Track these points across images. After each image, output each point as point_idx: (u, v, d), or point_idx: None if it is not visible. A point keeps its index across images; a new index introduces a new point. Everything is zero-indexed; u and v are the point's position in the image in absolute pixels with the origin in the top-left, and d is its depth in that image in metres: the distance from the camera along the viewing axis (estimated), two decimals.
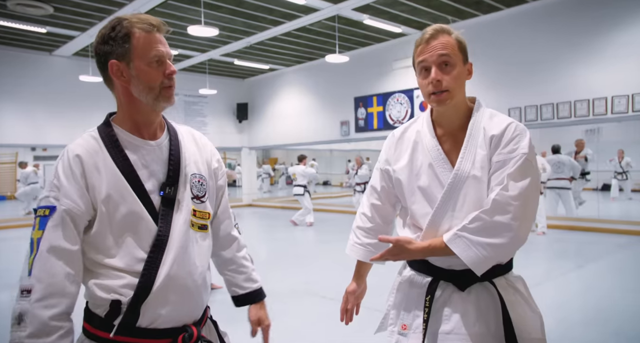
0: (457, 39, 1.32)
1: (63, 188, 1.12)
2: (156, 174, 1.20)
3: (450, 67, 1.30)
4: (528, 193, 1.23)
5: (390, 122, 10.05)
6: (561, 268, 5.32)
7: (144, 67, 1.16)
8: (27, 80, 10.01)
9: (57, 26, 8.50)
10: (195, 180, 1.26)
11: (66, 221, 1.11)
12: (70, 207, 1.11)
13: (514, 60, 7.95)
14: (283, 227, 9.42)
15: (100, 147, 1.17)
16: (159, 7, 7.50)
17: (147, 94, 1.17)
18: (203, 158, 1.32)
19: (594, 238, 7.11)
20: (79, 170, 1.13)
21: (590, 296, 4.22)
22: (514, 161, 1.24)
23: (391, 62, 9.94)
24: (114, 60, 1.15)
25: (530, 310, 1.32)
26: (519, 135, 1.27)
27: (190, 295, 1.21)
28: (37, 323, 1.05)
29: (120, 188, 1.15)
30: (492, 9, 8.03)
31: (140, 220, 1.16)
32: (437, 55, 1.29)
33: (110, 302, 1.13)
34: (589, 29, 7.17)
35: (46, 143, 10.71)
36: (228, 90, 13.46)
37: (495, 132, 1.29)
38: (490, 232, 1.22)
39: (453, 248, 1.24)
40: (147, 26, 1.16)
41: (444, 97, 1.30)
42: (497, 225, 1.21)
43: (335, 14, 8.05)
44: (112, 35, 1.15)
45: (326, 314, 3.82)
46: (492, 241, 1.21)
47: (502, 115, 1.35)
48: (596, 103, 7.13)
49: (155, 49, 1.16)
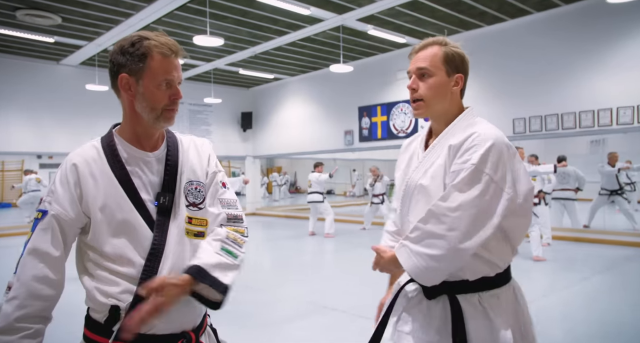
0: (446, 51, 1.36)
1: (56, 195, 1.18)
2: (152, 184, 1.23)
3: (428, 77, 1.35)
4: (475, 204, 1.18)
5: (394, 132, 10.06)
6: (566, 280, 5.27)
7: (152, 88, 1.20)
8: (34, 89, 10.10)
9: (64, 36, 8.60)
10: (191, 187, 1.28)
11: (53, 226, 1.16)
12: (58, 213, 1.16)
13: (519, 70, 7.97)
14: (287, 236, 9.40)
15: (100, 156, 1.21)
16: (165, 17, 7.58)
17: (149, 112, 1.22)
18: (202, 164, 1.34)
19: (600, 250, 7.04)
20: (74, 179, 1.18)
21: (594, 309, 4.17)
22: (463, 172, 1.22)
23: (395, 72, 9.98)
24: (125, 74, 1.19)
25: (492, 337, 1.25)
26: (475, 145, 1.23)
27: (188, 302, 1.21)
28: (3, 321, 1.10)
29: (117, 196, 1.18)
30: (496, 19, 8.07)
31: (136, 228, 1.18)
32: (416, 67, 1.37)
33: (109, 308, 1.15)
34: (594, 40, 7.18)
35: (52, 151, 10.77)
36: (233, 99, 13.53)
37: (453, 142, 1.29)
38: (426, 242, 1.21)
39: (398, 257, 1.27)
40: (166, 51, 1.19)
41: (418, 105, 1.38)
42: (432, 235, 1.20)
43: (340, 24, 8.11)
44: (130, 51, 1.18)
45: (331, 325, 3.80)
46: (428, 252, 1.20)
47: (482, 125, 1.32)
48: (601, 114, 7.11)
49: (169, 73, 1.21)
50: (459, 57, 1.37)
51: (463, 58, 1.38)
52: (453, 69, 1.36)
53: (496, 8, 7.49)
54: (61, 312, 4.45)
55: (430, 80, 1.35)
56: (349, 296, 4.62)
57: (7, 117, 9.77)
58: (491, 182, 1.20)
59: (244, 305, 4.18)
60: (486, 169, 1.21)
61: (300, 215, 13.34)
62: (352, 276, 5.55)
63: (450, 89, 1.37)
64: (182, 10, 7.30)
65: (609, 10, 6.89)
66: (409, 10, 7.52)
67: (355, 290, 4.85)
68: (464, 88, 1.41)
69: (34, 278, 1.13)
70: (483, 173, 1.20)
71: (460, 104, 1.42)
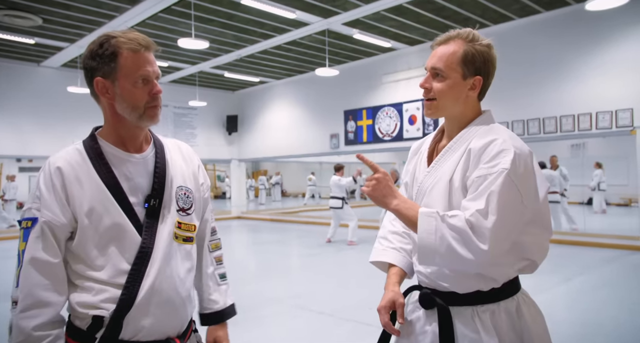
0: (466, 50, 1.24)
1: (44, 200, 1.13)
2: (141, 187, 1.20)
3: (441, 78, 1.25)
4: (502, 216, 1.10)
5: (380, 136, 10.11)
6: (549, 281, 5.35)
7: (129, 87, 1.16)
8: (14, 91, 9.90)
9: (45, 37, 8.46)
10: (181, 192, 1.26)
11: (46, 233, 1.12)
12: (50, 218, 1.12)
13: (501, 75, 7.95)
14: (272, 240, 9.36)
15: (84, 159, 1.17)
16: (150, 20, 7.52)
17: (130, 112, 1.18)
18: (190, 171, 1.33)
19: (580, 252, 7.17)
20: (60, 183, 1.14)
21: (576, 309, 4.24)
22: (493, 177, 1.12)
23: (381, 76, 10.05)
24: (99, 78, 1.16)
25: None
26: (504, 150, 1.14)
27: (174, 308, 1.20)
28: (21, 334, 1.08)
29: (104, 200, 1.15)
30: (480, 25, 8.17)
31: (124, 232, 1.15)
32: (430, 65, 1.28)
33: (92, 317, 1.13)
34: (574, 46, 7.34)
35: (32, 154, 10.56)
36: (218, 102, 13.46)
37: (474, 146, 1.19)
38: (460, 241, 1.11)
39: (420, 221, 1.14)
40: (135, 46, 1.15)
41: (430, 104, 1.28)
42: (466, 242, 1.10)
43: (326, 28, 8.14)
44: (100, 53, 1.14)
45: (317, 329, 3.79)
46: (455, 246, 1.10)
47: (501, 131, 1.23)
48: (581, 118, 7.27)
49: (142, 68, 1.16)
50: (481, 58, 1.24)
51: (486, 58, 1.25)
52: (471, 71, 1.24)
53: (480, 14, 7.61)
54: None
55: (444, 81, 1.25)
56: (334, 299, 4.62)
57: None
58: (518, 193, 1.13)
59: None
60: (513, 176, 1.12)
61: (287, 219, 13.31)
62: (336, 279, 5.55)
63: (466, 92, 1.26)
64: (166, 12, 7.25)
65: (587, 17, 7.06)
66: (394, 15, 7.59)
67: (340, 293, 4.85)
68: (485, 91, 1.30)
69: (39, 288, 1.10)
70: (512, 180, 1.12)
71: (477, 107, 1.31)
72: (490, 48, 1.27)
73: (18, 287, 1.10)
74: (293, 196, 24.42)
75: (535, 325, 1.23)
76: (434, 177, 1.27)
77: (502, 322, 1.20)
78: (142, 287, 1.14)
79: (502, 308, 1.21)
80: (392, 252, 1.42)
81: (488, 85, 1.30)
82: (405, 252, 1.41)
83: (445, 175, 1.24)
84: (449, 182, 1.22)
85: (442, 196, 1.23)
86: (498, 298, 1.22)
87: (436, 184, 1.25)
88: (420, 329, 1.30)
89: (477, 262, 1.09)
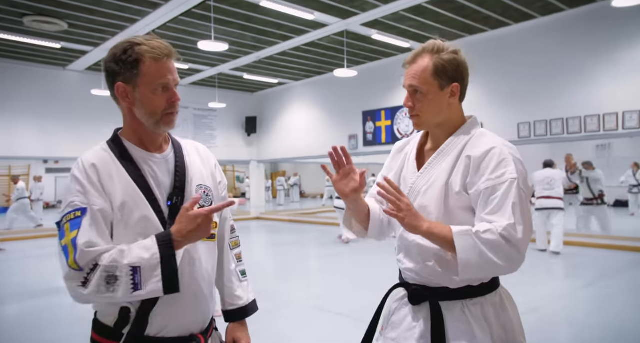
0: (435, 63, 1.29)
1: (89, 193, 1.14)
2: (164, 185, 1.24)
3: (421, 94, 1.31)
4: (526, 222, 1.20)
5: (399, 136, 10.05)
6: (570, 286, 5.23)
7: (149, 94, 1.19)
8: (41, 95, 10.19)
9: (71, 42, 8.68)
10: (201, 190, 1.29)
11: (99, 220, 1.13)
12: (101, 207, 1.14)
13: (523, 75, 7.95)
14: (290, 241, 9.39)
15: (112, 158, 1.20)
16: (171, 23, 7.64)
17: (148, 118, 1.21)
18: (208, 170, 1.36)
19: (606, 255, 6.99)
20: (96, 177, 1.16)
21: (599, 315, 4.13)
22: (505, 187, 1.20)
23: (399, 76, 9.92)
24: (120, 83, 1.19)
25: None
26: (505, 159, 1.23)
27: (197, 304, 1.23)
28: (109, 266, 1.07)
29: (134, 195, 1.18)
30: (500, 24, 8.07)
31: (152, 226, 1.18)
32: (407, 84, 1.34)
33: (119, 310, 1.15)
34: (599, 44, 7.16)
35: (58, 156, 10.84)
36: (237, 104, 13.59)
37: (472, 154, 1.26)
38: (498, 252, 1.18)
39: (456, 241, 1.19)
40: (157, 55, 1.18)
41: (415, 121, 1.36)
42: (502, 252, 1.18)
43: (344, 29, 8.13)
44: (123, 58, 1.17)
45: (336, 330, 3.78)
46: (492, 257, 1.17)
47: (491, 137, 1.31)
48: (607, 118, 7.08)
49: (164, 77, 1.19)
50: (452, 66, 1.30)
51: (457, 65, 1.31)
52: (446, 81, 1.30)
53: (500, 12, 7.49)
54: (70, 316, 4.41)
55: (423, 98, 1.31)
56: (354, 300, 4.61)
57: (14, 122, 9.86)
58: (527, 197, 1.23)
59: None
60: (521, 182, 1.22)
61: (305, 219, 13.34)
62: (354, 280, 5.53)
63: (447, 101, 1.32)
64: (187, 15, 7.35)
65: (614, 14, 6.88)
66: (413, 15, 7.54)
67: (358, 294, 4.84)
68: (464, 93, 1.36)
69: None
70: (520, 188, 1.21)
71: (460, 111, 1.38)
72: (457, 53, 1.33)
73: (81, 270, 1.07)
74: (312, 197, 24.46)
75: (514, 316, 1.33)
76: (426, 179, 1.34)
77: (490, 313, 1.28)
78: None
79: (489, 302, 1.30)
80: (370, 200, 1.50)
81: (466, 87, 1.36)
82: (379, 210, 1.46)
83: (441, 178, 1.31)
84: (445, 185, 1.29)
85: (437, 197, 1.30)
86: (486, 292, 1.31)
87: (431, 186, 1.32)
88: (409, 325, 1.35)
89: (515, 268, 1.19)
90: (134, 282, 1.07)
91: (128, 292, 1.06)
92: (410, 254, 1.37)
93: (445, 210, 1.29)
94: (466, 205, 1.27)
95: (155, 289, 1.08)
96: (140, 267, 1.07)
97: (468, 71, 1.35)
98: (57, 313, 4.33)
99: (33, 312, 4.41)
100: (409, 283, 1.38)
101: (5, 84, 9.75)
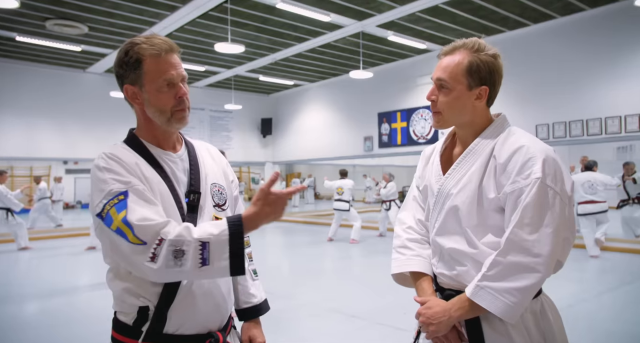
0: (471, 60, 1.24)
1: (125, 176, 1.13)
2: (182, 182, 1.25)
3: (446, 90, 1.26)
4: (549, 223, 1.12)
5: (414, 138, 9.98)
6: (592, 290, 5.12)
7: (155, 92, 1.19)
8: (61, 97, 10.41)
9: (91, 44, 8.85)
10: (215, 189, 1.31)
11: (145, 196, 1.11)
12: (143, 187, 1.13)
13: (542, 76, 7.83)
14: (304, 242, 9.39)
15: (134, 154, 1.21)
16: (188, 25, 7.73)
17: (159, 116, 1.21)
18: (220, 169, 1.38)
19: (629, 259, 6.82)
20: (125, 163, 1.16)
21: (621, 320, 4.04)
22: (529, 187, 1.13)
23: (415, 77, 9.93)
24: (128, 85, 1.20)
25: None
26: (531, 158, 1.15)
27: (215, 301, 1.24)
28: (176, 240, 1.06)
29: (161, 188, 1.19)
30: (518, 24, 7.96)
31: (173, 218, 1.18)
32: (436, 77, 1.28)
33: (138, 309, 1.16)
34: (621, 44, 7.01)
35: (77, 157, 11.05)
36: (253, 106, 13.67)
37: (502, 159, 1.19)
38: (513, 276, 1.12)
39: (479, 302, 1.15)
40: (156, 51, 1.17)
41: (436, 118, 1.31)
42: (517, 266, 1.12)
43: (360, 30, 8.12)
44: (126, 60, 1.19)
45: (350, 332, 3.77)
46: (518, 285, 1.11)
47: (520, 135, 1.24)
48: (628, 120, 6.92)
49: (167, 73, 1.18)
50: (486, 68, 1.24)
51: (492, 68, 1.25)
52: (476, 82, 1.24)
53: (519, 13, 7.39)
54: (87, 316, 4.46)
55: (448, 93, 1.25)
56: (368, 302, 4.58)
57: (35, 124, 10.09)
58: (556, 195, 1.14)
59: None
60: (548, 181, 1.14)
61: (320, 221, 13.33)
62: (368, 282, 5.51)
63: (472, 103, 1.26)
64: (204, 18, 7.43)
65: (636, 13, 6.73)
66: (429, 16, 7.49)
67: (373, 296, 4.81)
68: (493, 98, 1.30)
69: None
70: (548, 186, 1.13)
71: (486, 115, 1.31)
72: (496, 58, 1.27)
73: (146, 244, 1.05)
74: (326, 198, 24.45)
75: (556, 325, 1.25)
76: (455, 180, 1.28)
77: (529, 321, 1.21)
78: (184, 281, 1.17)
79: (528, 309, 1.21)
80: (416, 260, 1.38)
81: (495, 94, 1.30)
82: (428, 258, 1.39)
83: (473, 181, 1.25)
84: (478, 188, 1.23)
85: (470, 200, 1.24)
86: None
87: (463, 188, 1.26)
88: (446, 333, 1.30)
89: (544, 271, 1.12)
90: (202, 257, 1.06)
91: (196, 266, 1.05)
92: (443, 258, 1.33)
93: (479, 213, 1.23)
94: (501, 207, 1.21)
95: (223, 266, 1.07)
96: (209, 242, 1.06)
97: (501, 78, 1.29)
98: (72, 312, 4.41)
99: (49, 311, 4.50)
100: (444, 288, 1.32)
101: (26, 86, 9.98)
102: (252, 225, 1.12)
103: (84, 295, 5.09)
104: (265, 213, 1.12)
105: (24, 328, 3.92)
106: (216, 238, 1.06)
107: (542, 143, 1.21)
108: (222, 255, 1.06)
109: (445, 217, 1.29)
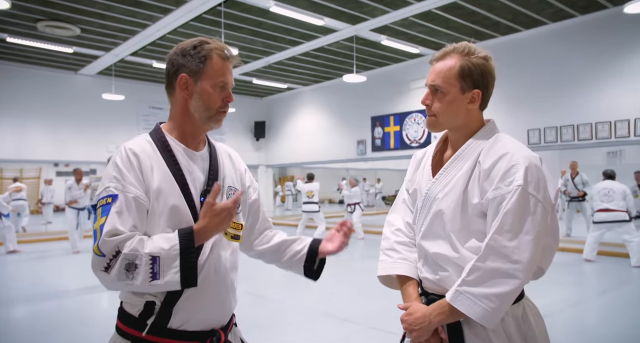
0: (463, 64, 1.26)
1: (126, 179, 1.18)
2: (198, 181, 1.28)
3: (440, 94, 1.29)
4: (529, 230, 1.13)
5: (407, 142, 10.02)
6: (583, 294, 5.16)
7: (209, 89, 1.26)
8: (53, 99, 10.31)
9: (83, 46, 8.79)
10: (230, 192, 1.34)
11: (130, 207, 1.16)
12: (137, 194, 1.17)
13: (533, 81, 7.90)
14: None
15: (154, 149, 1.25)
16: (181, 28, 7.71)
17: (203, 111, 1.27)
18: (237, 174, 1.42)
19: (619, 262, 6.88)
20: (137, 164, 1.20)
21: (612, 323, 4.07)
22: (510, 195, 1.15)
23: (409, 82, 9.98)
24: (185, 74, 1.26)
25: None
26: (514, 165, 1.17)
27: (220, 300, 1.27)
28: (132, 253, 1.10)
29: (169, 185, 1.22)
30: (510, 30, 8.03)
31: (183, 219, 1.21)
32: (429, 82, 1.32)
33: (144, 303, 1.18)
34: (611, 51, 7.10)
35: (69, 159, 10.94)
36: (246, 109, 13.65)
37: (486, 165, 1.22)
38: (492, 282, 1.14)
39: (458, 307, 1.17)
40: (225, 54, 1.29)
41: (431, 121, 1.34)
42: (496, 272, 1.14)
43: (353, 34, 8.15)
44: (192, 53, 1.26)
45: (344, 336, 3.76)
46: (496, 290, 1.13)
47: (507, 142, 1.26)
48: (618, 125, 7.00)
49: (225, 76, 1.28)
50: (478, 70, 1.27)
51: (483, 70, 1.27)
52: (469, 85, 1.27)
53: (510, 18, 7.46)
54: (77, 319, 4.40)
55: (442, 97, 1.28)
56: (359, 306, 4.58)
57: (26, 126, 9.97)
58: (538, 202, 1.16)
59: (255, 316, 4.16)
60: (530, 189, 1.15)
61: (312, 224, 13.29)
62: (360, 286, 5.49)
63: (465, 106, 1.29)
64: (197, 21, 7.42)
65: (625, 20, 6.82)
66: (422, 21, 7.54)
67: (364, 299, 4.81)
68: (486, 101, 1.33)
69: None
70: (530, 194, 1.15)
71: (479, 118, 1.34)
72: (488, 60, 1.29)
73: (104, 257, 1.10)
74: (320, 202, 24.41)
75: (539, 330, 1.26)
76: (442, 185, 1.30)
77: (510, 326, 1.22)
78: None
79: (510, 314, 1.22)
80: (403, 263, 1.41)
81: (488, 97, 1.32)
82: (414, 262, 1.41)
83: (458, 185, 1.26)
84: (463, 193, 1.25)
85: (455, 205, 1.25)
86: None
87: (449, 192, 1.27)
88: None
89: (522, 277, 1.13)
90: (153, 271, 1.09)
91: (146, 280, 1.09)
92: (427, 262, 1.34)
93: (463, 218, 1.25)
94: (484, 213, 1.23)
95: (173, 281, 1.10)
96: (159, 257, 1.10)
97: (494, 80, 1.31)
98: (62, 316, 4.35)
99: (38, 314, 4.44)
100: (428, 292, 1.34)
101: (17, 87, 9.88)
102: (203, 237, 1.17)
103: (74, 298, 5.03)
104: (213, 224, 1.17)
105: (18, 331, 3.87)
106: (166, 253, 1.11)
107: (527, 150, 1.23)
108: (172, 269, 1.11)
109: (430, 220, 1.31)
